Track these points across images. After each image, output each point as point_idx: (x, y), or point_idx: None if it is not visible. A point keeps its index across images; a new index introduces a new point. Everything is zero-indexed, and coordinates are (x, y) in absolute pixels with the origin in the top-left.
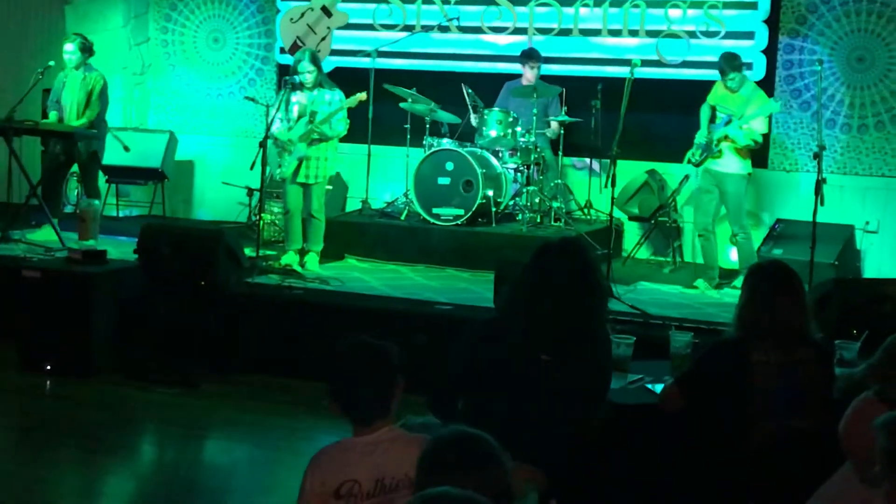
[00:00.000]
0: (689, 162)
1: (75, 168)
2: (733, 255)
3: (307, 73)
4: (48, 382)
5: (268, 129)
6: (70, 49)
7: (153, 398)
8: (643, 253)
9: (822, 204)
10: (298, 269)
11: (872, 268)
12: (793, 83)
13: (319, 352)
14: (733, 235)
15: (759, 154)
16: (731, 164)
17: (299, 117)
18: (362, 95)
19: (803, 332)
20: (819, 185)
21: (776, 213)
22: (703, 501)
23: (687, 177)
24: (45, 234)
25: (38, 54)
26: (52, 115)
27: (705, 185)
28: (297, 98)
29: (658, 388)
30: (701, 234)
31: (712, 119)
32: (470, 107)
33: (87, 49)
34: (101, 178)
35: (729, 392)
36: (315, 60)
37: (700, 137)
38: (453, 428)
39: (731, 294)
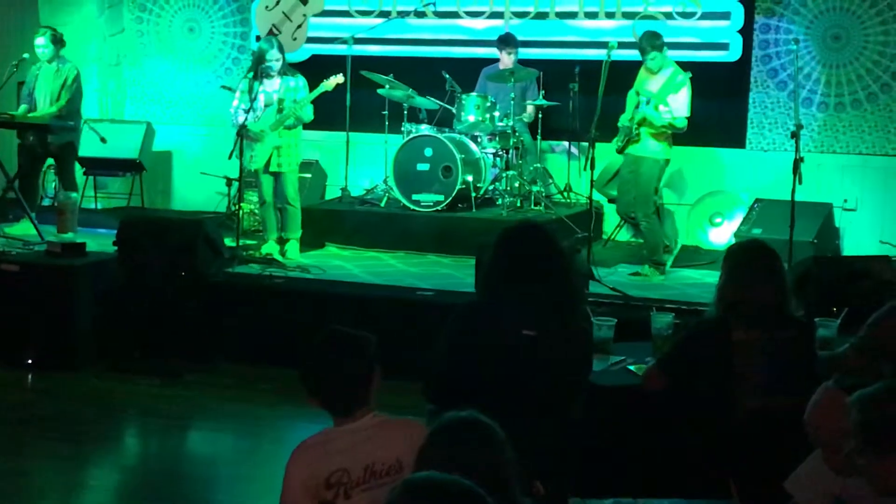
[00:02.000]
0: (617, 150)
1: (52, 161)
2: (713, 236)
3: (275, 61)
4: (30, 376)
5: (243, 120)
6: (41, 42)
7: (135, 389)
8: (623, 235)
9: (800, 183)
10: (279, 257)
11: (851, 245)
12: (769, 63)
13: (301, 340)
14: (638, 222)
15: (735, 134)
16: (647, 148)
17: (266, 106)
18: (339, 77)
19: (784, 310)
20: (797, 163)
21: (754, 193)
22: (687, 481)
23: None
24: (24, 228)
25: (12, 47)
26: (22, 108)
27: (625, 172)
28: (263, 87)
29: (640, 369)
30: (639, 221)
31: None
32: (447, 94)
33: (58, 41)
34: (79, 171)
35: (711, 371)
36: (281, 48)
37: (622, 121)
38: (461, 413)
39: (713, 275)
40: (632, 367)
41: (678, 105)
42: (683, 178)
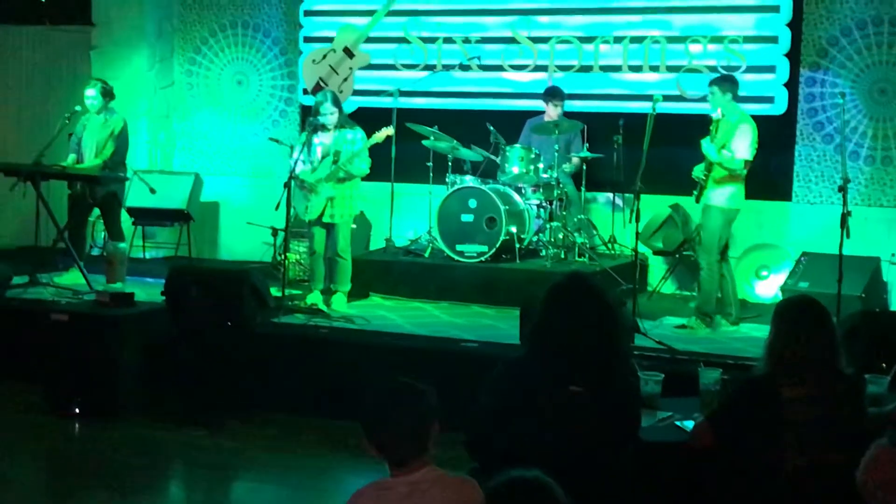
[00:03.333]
0: (696, 200)
1: (98, 211)
2: (759, 289)
3: (329, 115)
4: (76, 425)
5: (292, 171)
6: (91, 94)
7: (181, 439)
8: (668, 287)
9: (847, 237)
10: (324, 308)
11: None
12: (815, 116)
13: (345, 391)
14: (699, 269)
15: (782, 187)
16: (713, 196)
17: (323, 158)
18: (389, 130)
19: (833, 366)
20: (844, 218)
21: (801, 247)
22: None
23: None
24: (73, 278)
25: (64, 99)
26: (70, 158)
27: (701, 219)
28: (320, 139)
29: (688, 425)
30: (700, 268)
31: None
32: (491, 146)
33: (108, 93)
34: (128, 221)
35: (760, 428)
36: (336, 101)
37: (696, 173)
38: (525, 472)
39: (759, 329)
40: (679, 423)
41: (737, 147)
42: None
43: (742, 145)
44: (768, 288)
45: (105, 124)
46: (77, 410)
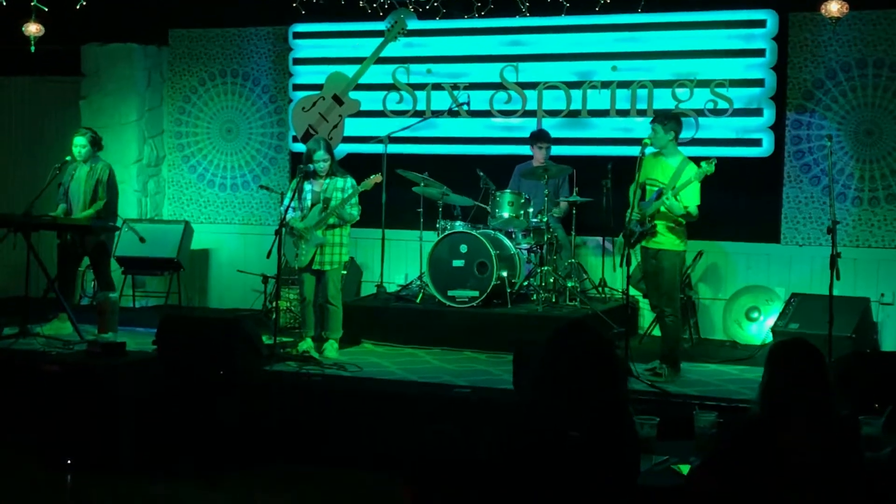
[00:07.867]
0: (630, 245)
1: (87, 260)
2: (749, 332)
3: (322, 162)
4: (69, 478)
5: (283, 217)
6: (81, 143)
7: (176, 492)
8: (659, 331)
9: (837, 278)
10: (315, 355)
11: (890, 340)
12: (802, 158)
13: (339, 438)
14: (663, 315)
15: (770, 229)
16: (665, 240)
17: (313, 205)
18: (377, 177)
19: (828, 408)
20: (834, 259)
21: (791, 288)
22: None
23: (701, 253)
24: (57, 327)
25: (54, 149)
26: (60, 209)
27: (648, 265)
28: (311, 186)
29: (684, 468)
30: (665, 317)
31: (642, 197)
32: (481, 191)
33: (96, 142)
34: (117, 270)
35: (756, 472)
36: (329, 149)
37: (631, 215)
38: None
39: (752, 371)
40: (676, 467)
41: (691, 196)
42: (719, 274)
43: (695, 193)
44: (759, 330)
45: (91, 172)
46: (70, 463)
